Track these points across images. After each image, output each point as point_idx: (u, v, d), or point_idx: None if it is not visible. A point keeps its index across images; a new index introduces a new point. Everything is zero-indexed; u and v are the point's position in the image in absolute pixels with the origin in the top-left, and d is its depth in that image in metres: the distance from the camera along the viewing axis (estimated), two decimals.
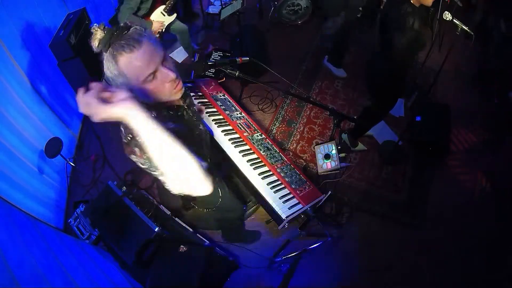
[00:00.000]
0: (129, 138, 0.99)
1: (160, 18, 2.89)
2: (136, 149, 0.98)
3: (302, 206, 1.78)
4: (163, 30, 2.94)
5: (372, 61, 2.28)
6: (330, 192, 1.86)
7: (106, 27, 0.93)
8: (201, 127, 1.31)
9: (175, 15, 2.97)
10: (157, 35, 2.93)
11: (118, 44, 0.91)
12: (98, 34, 0.91)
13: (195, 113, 1.30)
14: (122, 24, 0.93)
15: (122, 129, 1.00)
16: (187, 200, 1.61)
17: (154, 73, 0.96)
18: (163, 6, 2.85)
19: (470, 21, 1.77)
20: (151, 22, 2.82)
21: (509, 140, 2.71)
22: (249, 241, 2.32)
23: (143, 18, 2.79)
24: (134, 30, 0.94)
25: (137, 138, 0.91)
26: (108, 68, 0.94)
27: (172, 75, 0.99)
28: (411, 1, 1.83)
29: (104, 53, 0.93)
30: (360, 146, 2.70)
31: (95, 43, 0.92)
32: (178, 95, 1.07)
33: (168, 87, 1.02)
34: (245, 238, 2.31)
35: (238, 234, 2.29)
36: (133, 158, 1.01)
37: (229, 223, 2.04)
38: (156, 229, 1.99)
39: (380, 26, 2.04)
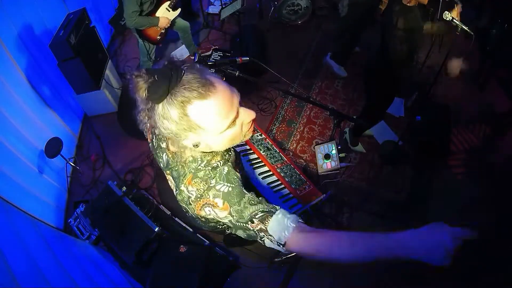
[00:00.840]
0: (203, 191, 0.81)
1: (165, 14, 2.92)
2: (218, 200, 0.80)
3: (302, 206, 1.78)
4: (168, 26, 2.98)
5: (370, 60, 2.29)
6: (330, 192, 1.86)
7: (149, 71, 0.71)
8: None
9: (179, 9, 3.00)
10: (163, 30, 2.97)
11: (182, 89, 0.70)
12: (141, 83, 0.70)
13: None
14: (166, 63, 0.74)
15: (192, 188, 0.82)
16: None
17: (235, 119, 0.79)
18: (168, 2, 2.88)
19: (470, 21, 1.76)
20: (158, 18, 2.85)
21: (509, 140, 2.70)
22: (249, 242, 2.31)
23: (149, 17, 2.82)
24: (191, 65, 0.75)
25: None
26: (174, 121, 0.73)
27: (252, 114, 0.83)
28: (403, 2, 1.83)
29: (157, 105, 0.73)
30: (360, 147, 2.69)
31: (142, 95, 0.71)
32: (250, 135, 0.89)
33: (245, 129, 0.84)
34: (246, 240, 2.30)
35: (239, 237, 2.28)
36: (209, 212, 0.82)
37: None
38: (156, 229, 2.00)
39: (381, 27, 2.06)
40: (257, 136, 2.12)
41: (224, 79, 1.39)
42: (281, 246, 0.77)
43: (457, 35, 2.08)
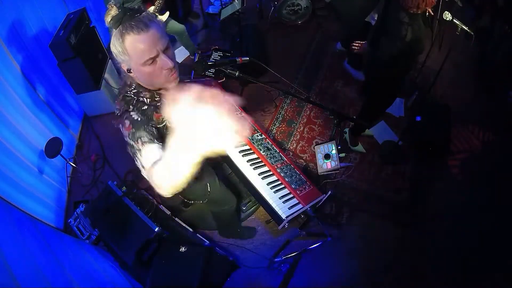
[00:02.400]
0: (122, 111, 1.07)
1: None
2: (127, 121, 1.05)
3: (302, 206, 1.78)
4: None
5: (369, 62, 2.26)
6: (330, 192, 1.86)
7: (122, 5, 0.99)
8: None
9: (167, 13, 2.90)
10: None
11: (128, 24, 0.96)
12: (112, 11, 0.97)
13: None
14: (136, 6, 1.00)
15: (118, 106, 1.09)
16: (186, 197, 1.62)
17: (154, 58, 1.01)
18: (152, 7, 2.78)
19: (470, 21, 1.75)
20: None
21: (509, 140, 2.70)
22: (246, 236, 2.32)
23: None
24: (145, 14, 1.00)
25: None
26: (114, 44, 1.00)
27: (170, 63, 1.04)
28: (409, 10, 1.74)
29: (114, 30, 0.99)
30: (359, 147, 2.69)
31: (107, 19, 0.98)
32: (173, 84, 1.11)
33: (164, 74, 1.06)
34: (242, 234, 2.31)
35: (234, 229, 2.29)
36: (119, 127, 1.08)
37: (224, 217, 2.04)
38: (156, 229, 2.00)
39: (375, 32, 2.02)
40: (257, 136, 2.12)
41: (224, 79, 1.42)
42: (142, 168, 1.00)
43: (457, 35, 2.09)
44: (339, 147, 1.92)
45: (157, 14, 2.79)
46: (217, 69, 1.36)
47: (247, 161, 1.90)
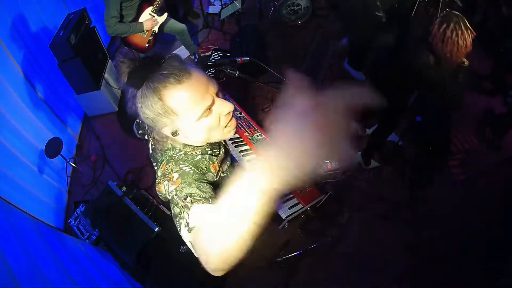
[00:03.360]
0: (169, 169, 0.82)
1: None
2: (175, 175, 0.80)
3: (302, 206, 1.78)
4: (157, 30, 2.85)
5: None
6: (330, 192, 1.86)
7: (132, 58, 0.77)
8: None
9: (166, 14, 2.86)
10: (151, 37, 2.81)
11: (159, 75, 0.74)
12: (125, 67, 0.75)
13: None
14: (150, 54, 0.77)
15: (167, 166, 0.83)
16: None
17: (211, 106, 0.79)
18: (151, 8, 2.74)
19: (470, 21, 1.74)
20: (141, 23, 2.69)
21: (509, 140, 2.70)
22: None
23: (131, 23, 2.68)
24: (173, 57, 0.78)
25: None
26: (149, 107, 0.76)
27: (230, 106, 0.82)
28: (441, 63, 1.51)
29: (136, 90, 0.77)
30: (373, 164, 2.63)
31: (124, 79, 0.76)
32: (232, 134, 0.88)
33: (223, 122, 0.84)
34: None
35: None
36: (164, 184, 0.81)
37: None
38: (156, 229, 1.99)
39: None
40: (257, 136, 2.12)
41: (224, 79, 1.40)
42: (187, 230, 0.71)
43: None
44: None
45: (155, 14, 2.79)
46: (217, 69, 1.36)
47: (247, 161, 1.90)
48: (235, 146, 1.95)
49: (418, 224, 2.36)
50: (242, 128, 2.09)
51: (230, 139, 1.97)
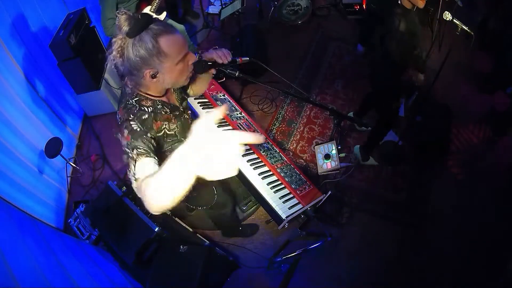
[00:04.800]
0: (122, 120, 1.08)
1: None
2: (125, 131, 1.05)
3: (302, 206, 1.78)
4: None
5: (373, 64, 2.26)
6: (330, 192, 1.86)
7: (128, 13, 0.98)
8: None
9: (165, 13, 2.88)
10: None
11: (158, 27, 0.99)
12: (123, 20, 0.96)
13: (190, 116, 1.38)
14: (133, 10, 1.00)
15: (120, 115, 1.09)
16: (190, 203, 1.64)
17: (186, 54, 1.08)
18: (149, 7, 2.68)
19: (470, 21, 1.74)
20: None
21: (509, 140, 2.70)
22: (248, 233, 2.32)
23: None
24: (160, 19, 1.05)
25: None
26: (141, 49, 0.98)
27: (195, 56, 1.12)
28: (403, 3, 1.81)
29: (130, 38, 0.98)
30: (371, 161, 2.65)
31: (124, 28, 0.96)
32: (187, 81, 1.18)
33: (187, 70, 1.12)
34: (245, 231, 2.31)
35: (236, 228, 2.30)
36: (118, 136, 1.08)
37: (225, 219, 2.06)
38: (156, 229, 1.99)
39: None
40: None
41: (224, 79, 1.45)
42: (133, 178, 0.97)
43: (457, 35, 2.09)
44: (339, 147, 1.92)
45: (154, 14, 2.77)
46: (217, 69, 1.36)
47: (247, 161, 1.90)
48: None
49: (418, 224, 2.36)
50: (242, 128, 2.09)
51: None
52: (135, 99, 1.12)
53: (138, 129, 1.06)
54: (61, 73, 2.62)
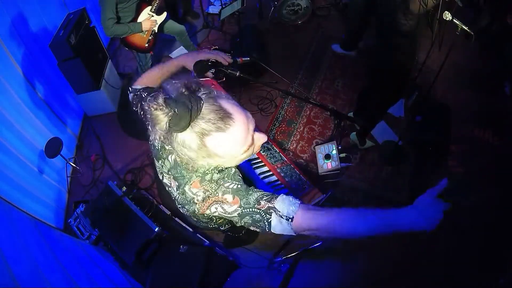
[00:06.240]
0: (211, 191, 0.86)
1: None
2: (228, 196, 0.85)
3: None
4: (156, 30, 2.82)
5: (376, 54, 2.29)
6: (330, 192, 1.86)
7: (164, 102, 0.70)
8: None
9: (165, 13, 2.83)
10: (150, 37, 2.79)
11: (204, 123, 0.73)
12: (161, 116, 0.70)
13: None
14: (183, 90, 0.73)
15: (197, 189, 0.87)
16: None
17: (250, 146, 0.84)
18: (149, 7, 2.72)
19: (470, 21, 1.75)
20: (140, 24, 2.66)
21: (509, 140, 2.70)
22: (250, 240, 2.31)
23: (130, 23, 2.64)
24: (208, 94, 0.76)
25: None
26: (190, 150, 0.77)
27: (264, 138, 0.88)
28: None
29: (172, 135, 0.76)
30: (368, 143, 2.69)
31: (162, 126, 0.71)
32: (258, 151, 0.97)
33: (256, 150, 0.90)
34: (247, 239, 2.31)
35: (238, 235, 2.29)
36: (218, 209, 0.86)
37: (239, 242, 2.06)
38: (156, 229, 1.99)
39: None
40: None
41: (224, 79, 1.41)
42: (289, 221, 0.80)
43: (457, 35, 2.08)
44: (339, 147, 1.91)
45: (154, 14, 2.77)
46: (218, 69, 1.36)
47: (247, 161, 1.90)
48: None
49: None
50: None
51: None
52: (209, 168, 0.88)
53: (240, 185, 0.87)
54: (61, 73, 2.62)
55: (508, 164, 2.56)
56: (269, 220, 0.82)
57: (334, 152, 1.94)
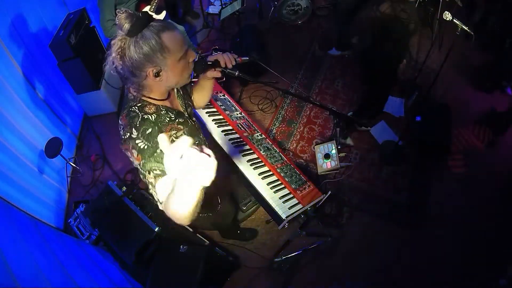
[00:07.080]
0: (127, 136, 1.04)
1: None
2: (134, 151, 1.03)
3: (302, 206, 1.77)
4: None
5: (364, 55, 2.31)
6: (330, 192, 1.86)
7: (128, 11, 0.97)
8: (201, 136, 1.36)
9: (164, 12, 2.87)
10: None
11: (159, 24, 1.01)
12: (123, 19, 0.95)
13: (196, 122, 1.37)
14: (131, 10, 0.99)
15: (123, 123, 1.07)
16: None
17: (187, 50, 1.09)
18: (148, 7, 2.69)
19: (470, 21, 1.75)
20: None
21: (509, 140, 2.70)
22: (247, 238, 2.32)
23: None
24: (162, 18, 1.07)
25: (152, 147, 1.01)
26: (145, 45, 0.98)
27: (195, 53, 1.13)
28: None
29: (131, 36, 0.98)
30: (348, 140, 2.71)
31: (125, 26, 0.95)
32: (188, 80, 1.18)
33: (188, 68, 1.13)
34: (243, 235, 2.31)
35: (235, 232, 2.30)
36: (127, 154, 1.07)
37: (224, 225, 2.07)
38: (156, 229, 1.99)
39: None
40: (257, 136, 2.12)
41: (224, 79, 1.45)
42: (158, 202, 0.99)
43: (457, 35, 2.08)
44: (339, 147, 1.92)
45: (153, 13, 2.76)
46: (217, 69, 1.36)
47: (247, 161, 1.90)
48: (235, 146, 1.95)
49: (418, 225, 2.36)
50: (241, 128, 2.09)
51: (230, 139, 1.98)
52: (138, 105, 1.09)
53: (146, 147, 1.01)
54: (61, 73, 2.62)
55: (508, 164, 2.56)
56: (150, 191, 1.03)
57: (334, 151, 1.95)
